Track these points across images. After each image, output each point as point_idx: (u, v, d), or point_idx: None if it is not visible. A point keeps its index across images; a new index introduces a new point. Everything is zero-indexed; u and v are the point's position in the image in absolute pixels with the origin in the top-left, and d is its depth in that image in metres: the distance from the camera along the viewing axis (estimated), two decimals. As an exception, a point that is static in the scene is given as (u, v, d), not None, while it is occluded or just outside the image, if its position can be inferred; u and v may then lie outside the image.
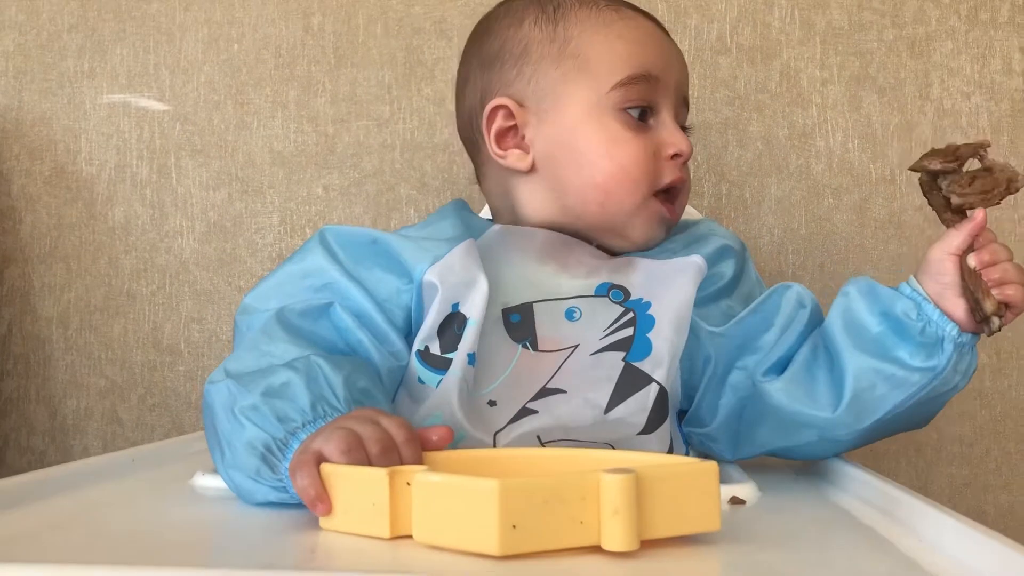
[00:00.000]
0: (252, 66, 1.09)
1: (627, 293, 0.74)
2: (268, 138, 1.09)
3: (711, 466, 0.48)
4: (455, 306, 0.70)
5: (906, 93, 1.06)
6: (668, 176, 0.76)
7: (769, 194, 1.06)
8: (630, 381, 0.70)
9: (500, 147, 0.78)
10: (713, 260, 0.77)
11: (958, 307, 0.67)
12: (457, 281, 0.70)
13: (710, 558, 0.46)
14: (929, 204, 0.69)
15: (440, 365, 0.69)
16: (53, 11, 1.10)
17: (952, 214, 0.68)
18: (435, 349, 0.70)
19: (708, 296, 0.75)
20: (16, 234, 1.10)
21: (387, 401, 0.64)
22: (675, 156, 0.76)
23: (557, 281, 0.74)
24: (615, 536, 0.45)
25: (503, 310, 0.72)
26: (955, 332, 0.66)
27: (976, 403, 1.05)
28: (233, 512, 0.57)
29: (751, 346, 0.73)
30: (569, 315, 0.72)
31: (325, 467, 0.51)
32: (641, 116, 0.76)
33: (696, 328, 0.72)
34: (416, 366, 0.70)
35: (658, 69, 0.76)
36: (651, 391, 0.70)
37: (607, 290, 0.74)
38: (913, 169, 0.68)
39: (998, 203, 0.67)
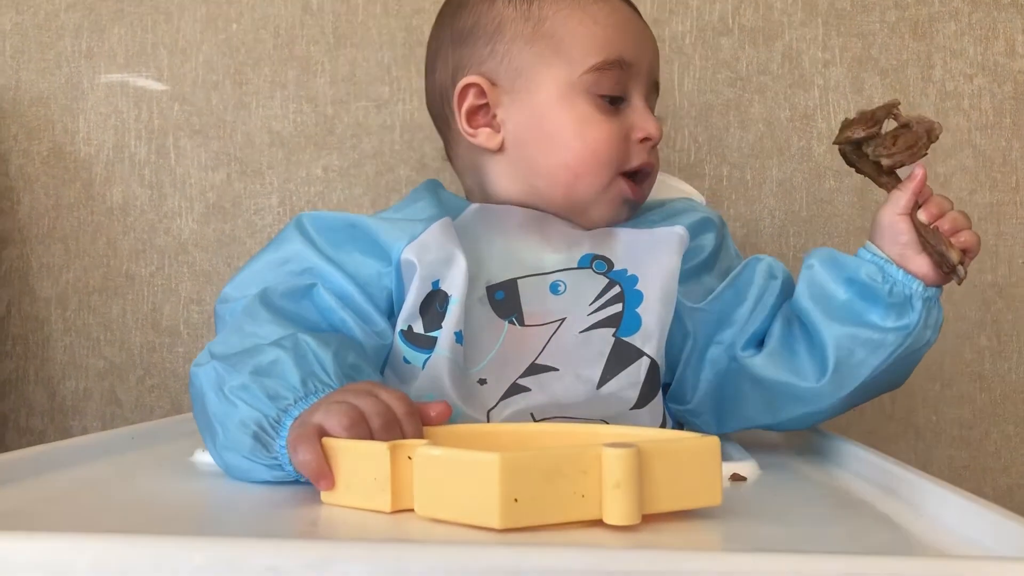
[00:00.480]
0: (251, 46, 1.09)
1: (610, 263, 0.74)
2: (267, 118, 1.08)
3: (713, 441, 0.48)
4: (435, 283, 0.70)
5: (908, 75, 1.05)
6: (637, 159, 0.77)
7: (771, 176, 1.06)
8: (621, 356, 0.70)
9: (471, 125, 0.78)
10: (695, 231, 0.78)
11: (921, 264, 0.69)
12: (434, 259, 0.70)
13: (711, 532, 0.46)
14: (858, 172, 0.72)
15: (425, 344, 0.69)
16: (51, -10, 1.09)
17: (887, 177, 0.71)
18: (418, 328, 0.69)
19: (689, 271, 0.76)
20: (14, 215, 1.10)
21: (377, 376, 0.64)
22: (644, 140, 0.77)
23: (540, 256, 0.74)
24: (616, 510, 0.45)
25: (487, 287, 0.72)
26: (921, 288, 0.69)
27: (975, 386, 1.05)
28: (234, 486, 0.57)
29: (727, 320, 0.74)
30: (554, 289, 0.73)
31: (326, 441, 0.51)
32: (612, 101, 0.76)
33: (677, 304, 0.73)
34: (400, 346, 0.69)
35: (632, 55, 0.77)
36: (642, 364, 0.70)
37: (590, 261, 0.74)
38: (838, 142, 0.71)
39: (926, 154, 0.69)
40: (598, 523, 0.45)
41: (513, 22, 0.77)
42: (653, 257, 0.74)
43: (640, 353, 0.70)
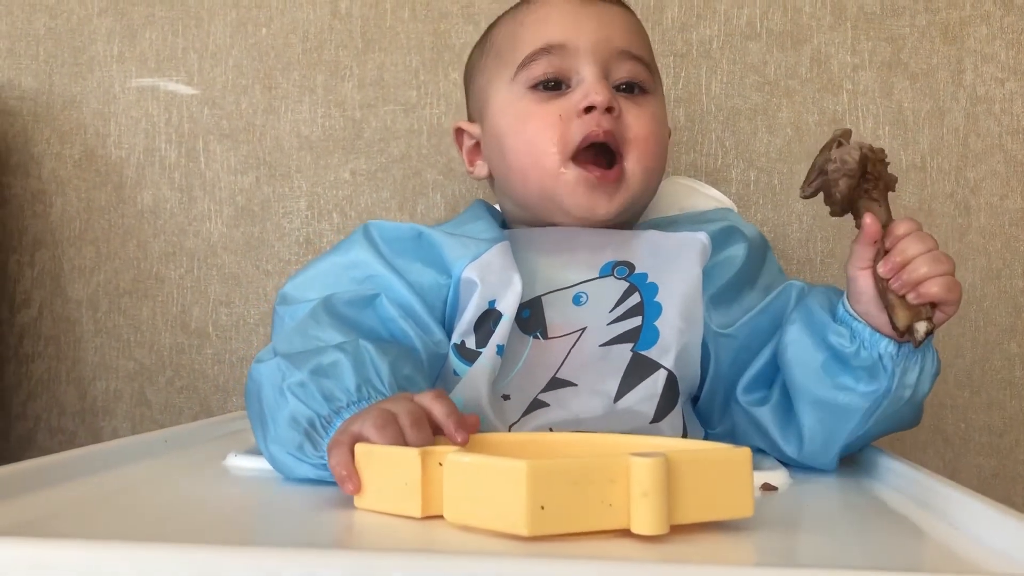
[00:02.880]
0: (280, 50, 1.09)
1: (631, 267, 0.74)
2: (296, 123, 1.09)
3: (744, 452, 0.48)
4: (492, 303, 0.71)
5: (939, 79, 1.04)
6: (579, 132, 0.73)
7: (798, 181, 1.05)
8: (638, 369, 0.70)
9: (471, 163, 0.83)
10: (719, 240, 0.76)
11: (886, 323, 0.63)
12: (495, 279, 0.71)
13: (742, 544, 0.46)
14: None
15: (472, 358, 0.70)
16: (83, -5, 1.11)
17: (857, 220, 0.64)
18: (471, 344, 0.71)
19: (725, 288, 0.74)
20: (47, 217, 1.11)
21: (429, 387, 0.65)
22: (588, 109, 0.73)
23: (565, 271, 0.75)
24: (644, 519, 0.44)
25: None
26: (891, 348, 0.63)
27: (1006, 393, 1.04)
28: (267, 491, 0.58)
29: (755, 351, 0.72)
30: (576, 300, 0.73)
31: (359, 447, 0.52)
32: (556, 86, 0.75)
33: (704, 324, 0.72)
34: (452, 359, 0.71)
35: (562, 36, 0.75)
36: (659, 377, 0.70)
37: (612, 268, 0.74)
38: (804, 197, 0.65)
39: (856, 178, 0.62)
40: (626, 533, 0.45)
41: (476, 60, 0.83)
42: (675, 264, 0.74)
43: (657, 366, 0.70)
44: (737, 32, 1.06)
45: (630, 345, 0.71)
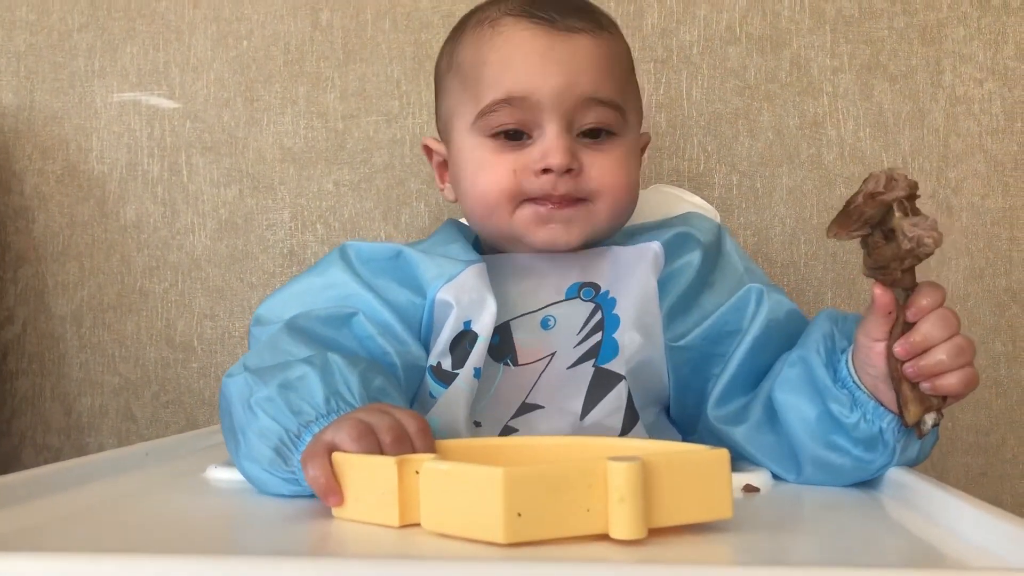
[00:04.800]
0: (261, 63, 1.09)
1: (597, 288, 0.74)
2: (278, 135, 1.09)
3: (722, 454, 0.48)
4: (467, 324, 0.71)
5: (918, 80, 1.05)
6: (535, 191, 0.71)
7: (780, 184, 1.06)
8: (601, 382, 0.70)
9: (442, 181, 0.82)
10: (672, 249, 0.74)
11: (892, 400, 0.60)
12: (469, 300, 0.71)
13: (721, 545, 0.46)
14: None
15: (448, 380, 0.70)
16: (63, 11, 1.11)
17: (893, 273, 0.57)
18: (446, 365, 0.71)
19: (682, 299, 0.72)
20: (29, 233, 1.11)
21: (403, 399, 0.65)
22: (544, 171, 0.71)
23: (534, 295, 0.74)
24: (622, 524, 0.44)
25: None
26: (894, 424, 0.60)
27: (991, 392, 1.04)
28: (246, 503, 0.58)
29: (714, 362, 0.70)
30: (544, 324, 0.73)
31: (336, 456, 0.52)
32: (516, 135, 0.73)
33: (661, 338, 0.71)
34: (429, 381, 0.71)
35: (525, 86, 0.71)
36: (623, 388, 0.70)
37: (578, 290, 0.74)
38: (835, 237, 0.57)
39: (898, 276, 0.56)
40: (604, 538, 0.45)
41: (443, 74, 0.79)
42: (630, 275, 0.73)
43: (619, 377, 0.70)
44: (717, 37, 1.06)
45: (592, 361, 0.71)
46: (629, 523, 0.44)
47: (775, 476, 0.64)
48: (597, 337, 0.72)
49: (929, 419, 0.58)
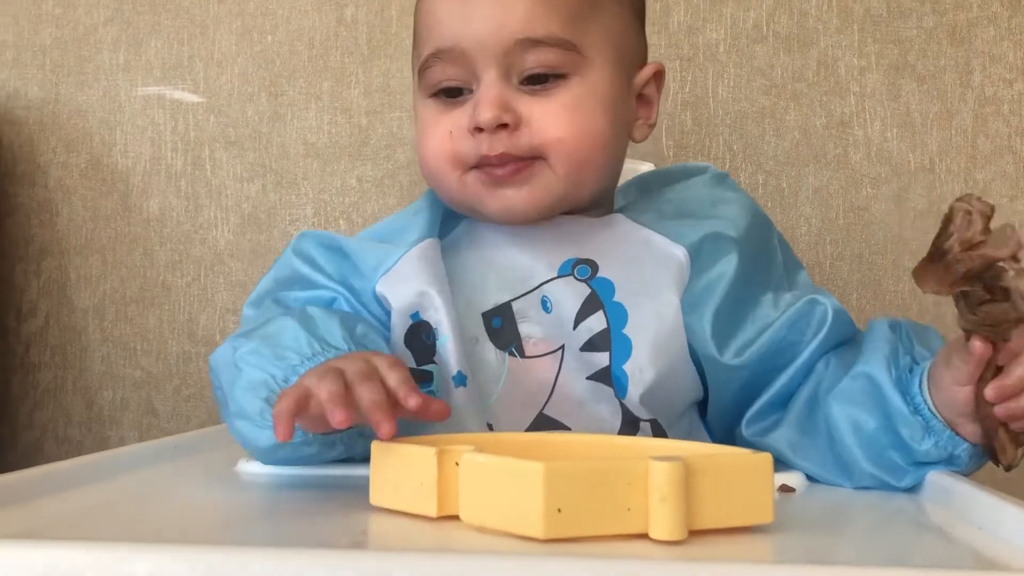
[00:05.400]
0: (286, 58, 1.09)
1: (594, 266, 0.66)
2: (302, 130, 1.09)
3: (765, 458, 0.47)
4: (415, 316, 0.65)
5: (946, 81, 1.04)
6: (471, 153, 0.65)
7: (807, 184, 1.05)
8: (629, 420, 0.65)
9: None
10: (704, 255, 0.66)
11: (973, 432, 0.58)
12: (409, 292, 0.65)
13: (761, 545, 0.46)
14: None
15: (422, 379, 0.64)
16: (89, 5, 1.11)
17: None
18: (411, 364, 0.65)
19: (722, 310, 0.65)
20: (53, 226, 1.11)
21: (386, 347, 0.62)
22: (477, 130, 0.64)
23: (529, 268, 0.67)
24: (662, 524, 0.44)
25: (482, 315, 0.66)
26: (967, 447, 0.58)
27: (1018, 396, 1.03)
28: (281, 494, 0.57)
29: (765, 380, 0.66)
30: (544, 306, 0.66)
31: (375, 444, 0.51)
32: (452, 92, 0.66)
33: (700, 357, 0.64)
34: None
35: (451, 37, 0.65)
36: (646, 429, 0.65)
37: (572, 267, 0.67)
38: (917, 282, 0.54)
39: (1008, 339, 0.54)
40: (643, 537, 0.44)
41: (415, 29, 0.71)
42: (646, 285, 0.65)
43: (638, 419, 0.65)
44: (744, 35, 1.05)
45: (612, 391, 0.65)
46: (670, 523, 0.44)
47: (809, 477, 0.63)
48: (604, 359, 0.65)
49: (1013, 460, 0.57)
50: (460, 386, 0.63)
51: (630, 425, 0.65)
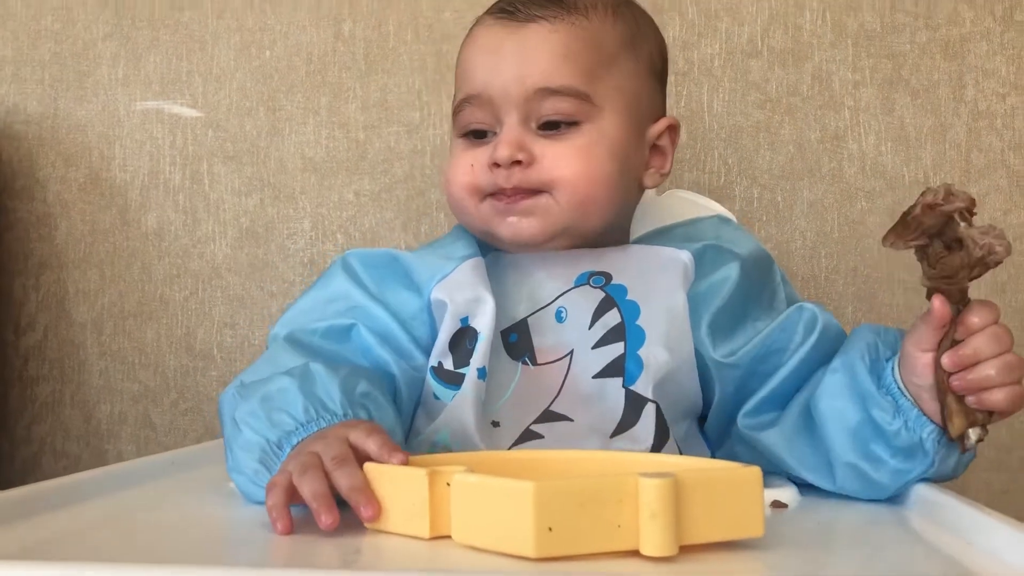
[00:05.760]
0: (284, 73, 1.10)
1: (608, 276, 0.73)
2: (300, 144, 1.09)
3: (754, 471, 0.47)
4: (464, 320, 0.71)
5: (940, 95, 1.05)
6: (488, 184, 0.72)
7: (801, 198, 1.05)
8: (633, 407, 0.69)
9: None
10: (706, 260, 0.72)
11: (936, 411, 0.60)
12: (464, 297, 0.70)
13: (753, 562, 0.46)
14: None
15: (454, 380, 0.70)
16: (88, 20, 1.11)
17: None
18: (448, 365, 0.70)
19: (723, 311, 0.71)
20: (52, 240, 1.11)
21: (390, 403, 0.64)
22: (494, 166, 0.71)
23: (544, 288, 0.73)
24: (653, 541, 0.44)
25: (501, 332, 0.72)
26: (936, 434, 0.60)
27: (1013, 408, 1.03)
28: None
29: (759, 380, 0.69)
30: (559, 317, 0.72)
31: (368, 466, 0.52)
32: (479, 135, 0.74)
33: (702, 356, 0.70)
34: (431, 382, 0.71)
35: (481, 85, 0.73)
36: (650, 411, 0.68)
37: (587, 277, 0.73)
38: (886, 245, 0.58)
39: (966, 285, 0.56)
40: (634, 554, 0.45)
41: (456, 74, 0.78)
42: (656, 283, 0.71)
43: (644, 400, 0.69)
44: (738, 50, 1.06)
45: (620, 380, 0.69)
46: (660, 540, 0.44)
47: (802, 492, 0.64)
48: (619, 348, 0.70)
49: (973, 434, 0.58)
50: (481, 380, 0.68)
51: (634, 409, 0.68)
